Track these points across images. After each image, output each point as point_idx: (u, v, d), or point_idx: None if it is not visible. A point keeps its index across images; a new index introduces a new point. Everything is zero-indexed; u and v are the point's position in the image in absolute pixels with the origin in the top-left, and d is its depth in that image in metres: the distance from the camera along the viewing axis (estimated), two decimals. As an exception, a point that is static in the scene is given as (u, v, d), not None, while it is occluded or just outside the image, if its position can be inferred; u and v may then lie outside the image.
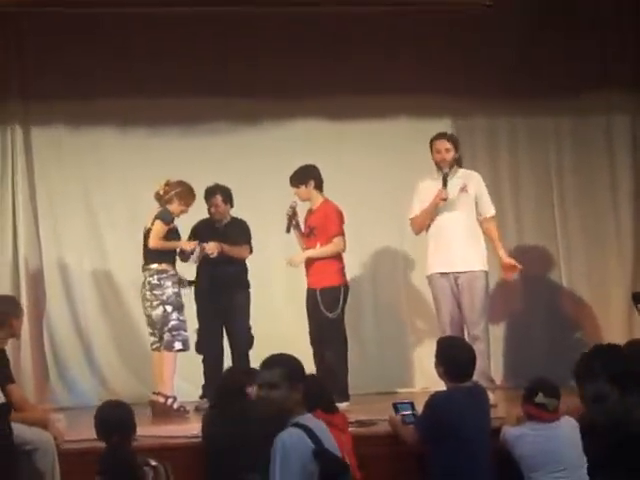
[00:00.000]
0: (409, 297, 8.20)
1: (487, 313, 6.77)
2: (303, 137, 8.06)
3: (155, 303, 6.77)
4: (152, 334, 6.90)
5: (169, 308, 6.76)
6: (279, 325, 7.73)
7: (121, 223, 7.97)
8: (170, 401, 6.68)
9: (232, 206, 7.25)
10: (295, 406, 3.87)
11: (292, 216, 7.01)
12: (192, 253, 7.04)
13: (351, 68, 8.00)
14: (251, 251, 7.24)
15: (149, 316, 6.85)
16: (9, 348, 5.85)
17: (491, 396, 6.04)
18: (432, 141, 6.82)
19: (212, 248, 6.99)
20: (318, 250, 6.89)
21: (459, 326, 6.67)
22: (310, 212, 7.02)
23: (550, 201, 8.38)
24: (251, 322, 7.17)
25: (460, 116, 8.22)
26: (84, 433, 5.32)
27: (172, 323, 6.75)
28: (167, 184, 6.93)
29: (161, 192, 6.93)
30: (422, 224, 6.84)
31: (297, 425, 3.76)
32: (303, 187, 6.95)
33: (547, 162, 8.41)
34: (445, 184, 6.66)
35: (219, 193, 7.16)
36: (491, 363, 6.86)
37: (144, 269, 6.89)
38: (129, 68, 7.90)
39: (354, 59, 8.00)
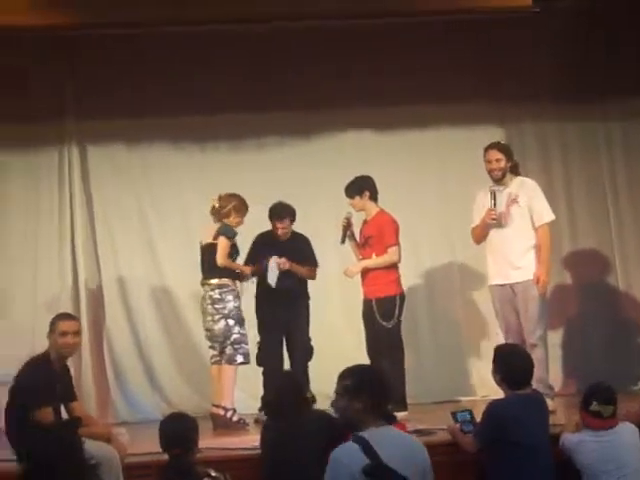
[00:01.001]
0: (465, 306, 8.19)
1: (545, 321, 6.72)
2: (353, 149, 8.10)
3: (217, 317, 6.81)
4: (212, 347, 6.93)
5: (231, 322, 6.80)
6: (336, 336, 7.77)
7: (175, 238, 8.07)
8: (230, 413, 6.72)
9: (295, 222, 7.28)
10: (359, 415, 3.81)
11: (347, 227, 7.03)
12: (253, 275, 7.08)
13: (397, 79, 8.00)
14: (317, 265, 7.29)
15: (209, 330, 6.88)
16: (71, 365, 5.94)
17: (550, 403, 6.05)
18: (484, 151, 6.82)
19: (284, 264, 7.04)
20: (374, 260, 6.92)
21: (519, 335, 6.64)
22: (365, 223, 7.04)
23: (604, 205, 8.32)
24: (310, 334, 7.21)
25: (510, 122, 8.21)
26: (146, 447, 5.39)
27: (234, 337, 6.79)
28: (221, 198, 6.95)
29: (217, 206, 6.94)
30: (479, 235, 6.86)
31: (356, 438, 3.73)
32: (358, 198, 6.98)
33: (599, 166, 8.36)
34: (494, 202, 6.66)
35: (288, 217, 7.17)
36: (550, 370, 6.82)
37: (204, 283, 6.92)
38: (179, 85, 7.98)
39: (399, 71, 8.01)
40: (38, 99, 7.92)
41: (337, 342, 7.71)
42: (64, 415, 5.57)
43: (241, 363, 6.84)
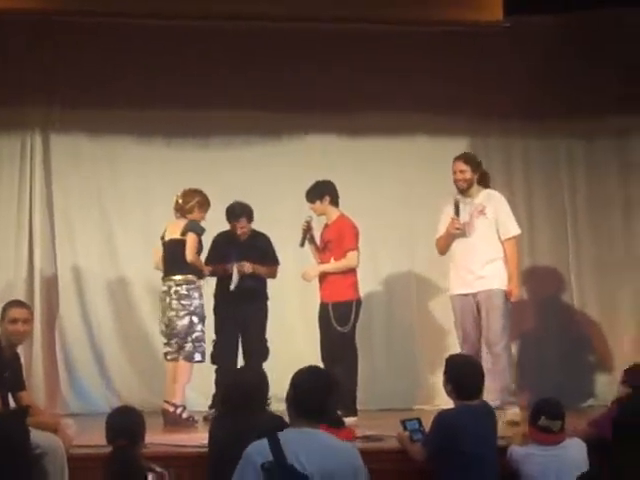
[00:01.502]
0: (421, 314, 8.21)
1: (508, 331, 6.73)
2: (319, 152, 8.11)
3: (182, 313, 6.74)
4: (167, 344, 6.89)
5: (195, 319, 6.75)
6: (291, 338, 7.77)
7: (135, 232, 8.03)
8: (180, 410, 6.70)
9: (253, 220, 7.29)
10: (290, 419, 3.87)
11: (307, 230, 7.04)
12: (212, 275, 7.09)
13: (368, 85, 8.02)
14: (278, 263, 7.31)
15: (170, 325, 6.80)
16: (22, 354, 5.88)
17: (517, 412, 6.30)
18: (453, 161, 6.86)
19: (248, 268, 7.05)
20: (332, 264, 6.93)
21: (475, 346, 6.68)
22: (326, 227, 7.06)
23: (563, 222, 8.39)
24: (267, 335, 7.20)
25: (476, 135, 8.27)
26: (94, 439, 5.34)
27: (196, 334, 6.76)
28: (185, 194, 6.94)
29: (180, 202, 6.92)
30: (443, 246, 6.90)
31: (270, 436, 3.73)
32: (319, 202, 6.99)
33: (560, 183, 8.43)
34: (457, 212, 6.71)
35: (245, 216, 7.18)
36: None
37: (168, 279, 6.83)
38: (147, 79, 7.96)
39: (371, 76, 8.02)
40: (6, 85, 7.83)
41: (293, 344, 7.72)
42: (12, 404, 5.53)
43: (198, 361, 6.81)
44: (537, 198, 8.42)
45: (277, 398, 6.44)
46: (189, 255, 6.75)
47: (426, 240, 7.60)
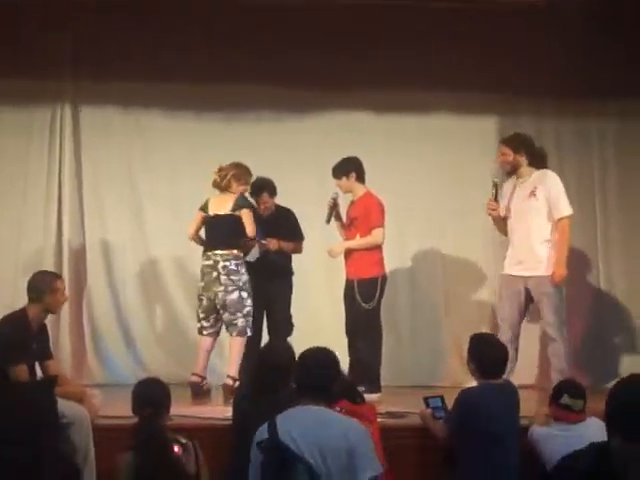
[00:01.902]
0: (446, 292, 8.19)
1: (562, 315, 6.61)
2: (347, 129, 8.07)
3: (230, 288, 6.68)
4: (204, 319, 6.80)
5: (244, 294, 6.71)
6: (316, 314, 7.78)
7: (164, 206, 8.05)
8: (237, 384, 6.58)
9: (276, 195, 7.30)
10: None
11: (333, 207, 7.04)
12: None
13: (396, 62, 7.97)
14: (303, 238, 7.32)
15: (213, 300, 6.69)
16: (49, 323, 5.95)
17: None
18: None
19: (274, 245, 7.06)
20: (357, 241, 6.93)
21: (516, 330, 6.61)
22: (352, 203, 7.05)
23: (592, 203, 8.32)
24: (291, 310, 7.21)
25: (507, 115, 8.20)
26: (119, 410, 5.40)
27: (247, 309, 6.72)
28: (220, 169, 6.88)
29: (218, 179, 6.86)
30: (497, 228, 6.87)
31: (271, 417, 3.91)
32: (344, 179, 6.98)
33: (590, 165, 8.37)
34: (495, 194, 6.65)
35: (265, 190, 7.20)
36: (526, 362, 6.80)
37: (214, 254, 6.73)
38: (178, 53, 7.93)
39: (399, 53, 7.97)
40: (37, 57, 7.84)
41: (317, 321, 7.72)
42: (39, 373, 5.60)
43: (248, 336, 6.78)
44: (567, 178, 8.30)
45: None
46: (252, 231, 6.71)
47: (453, 218, 7.60)
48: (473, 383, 5.40)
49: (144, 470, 4.46)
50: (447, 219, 8.05)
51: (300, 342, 6.87)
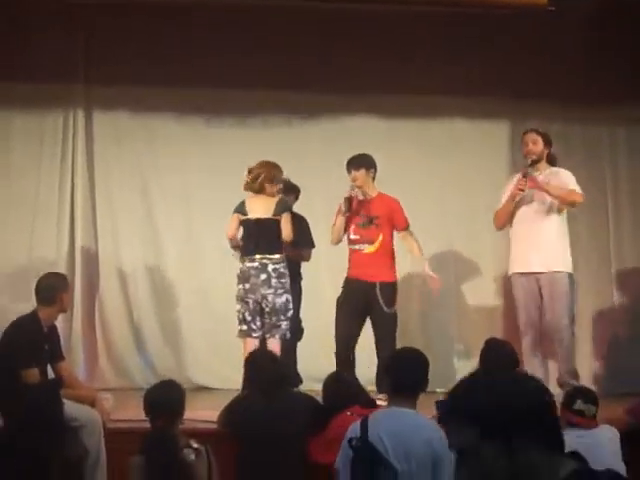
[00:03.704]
0: (458, 297, 8.17)
1: (572, 313, 6.63)
2: (356, 133, 8.05)
3: (280, 291, 6.56)
4: (251, 321, 6.55)
5: (290, 297, 6.64)
6: (326, 318, 7.75)
7: (175, 211, 8.06)
8: None
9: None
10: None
11: (351, 199, 6.78)
12: None
13: (408, 67, 7.98)
14: (314, 246, 7.29)
15: (260, 303, 6.54)
16: (61, 327, 5.97)
17: None
18: (522, 135, 6.83)
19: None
20: (417, 247, 6.85)
21: (536, 327, 6.60)
22: (366, 201, 6.86)
23: (605, 208, 8.31)
24: (301, 315, 7.19)
25: (517, 119, 8.17)
26: (131, 413, 5.42)
27: (290, 313, 6.65)
28: (250, 171, 6.66)
29: (249, 181, 6.64)
30: (501, 218, 6.78)
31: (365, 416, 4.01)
32: (364, 170, 6.77)
33: (601, 170, 8.33)
34: (525, 176, 6.59)
35: (293, 196, 7.21)
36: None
37: (263, 257, 6.55)
38: (189, 58, 7.96)
39: (409, 58, 7.98)
40: (49, 62, 7.88)
41: (327, 325, 7.69)
42: (51, 375, 5.61)
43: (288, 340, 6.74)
44: (579, 183, 8.33)
45: (312, 378, 6.54)
46: (288, 235, 6.58)
47: (463, 221, 7.57)
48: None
49: (155, 474, 4.46)
50: (457, 221, 8.03)
51: (309, 347, 6.97)
